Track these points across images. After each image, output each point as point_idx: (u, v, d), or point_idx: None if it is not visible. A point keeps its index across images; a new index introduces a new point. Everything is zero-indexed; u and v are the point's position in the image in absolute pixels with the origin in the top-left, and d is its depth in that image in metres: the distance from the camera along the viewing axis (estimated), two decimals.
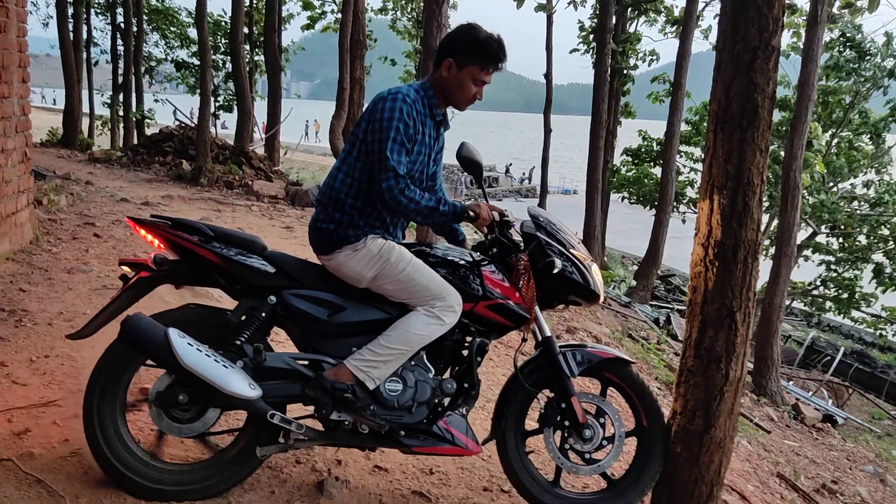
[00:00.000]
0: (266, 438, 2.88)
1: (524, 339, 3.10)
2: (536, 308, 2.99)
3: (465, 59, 2.88)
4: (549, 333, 3.08)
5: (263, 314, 2.86)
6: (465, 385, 3.00)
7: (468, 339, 3.03)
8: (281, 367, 2.85)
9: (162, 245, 2.87)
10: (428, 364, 2.96)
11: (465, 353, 3.03)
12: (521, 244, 3.07)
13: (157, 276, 2.88)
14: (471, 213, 2.93)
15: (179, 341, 2.63)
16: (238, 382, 2.67)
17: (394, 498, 3.13)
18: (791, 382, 10.70)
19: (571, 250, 3.04)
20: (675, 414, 3.20)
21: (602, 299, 3.15)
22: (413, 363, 2.93)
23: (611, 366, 3.15)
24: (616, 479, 3.22)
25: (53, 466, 2.89)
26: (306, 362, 2.89)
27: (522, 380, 3.08)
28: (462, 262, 3.01)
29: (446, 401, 3.00)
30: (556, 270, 2.95)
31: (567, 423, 3.08)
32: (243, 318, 2.86)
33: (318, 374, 2.84)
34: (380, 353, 2.81)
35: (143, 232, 2.88)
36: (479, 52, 2.87)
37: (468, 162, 3.05)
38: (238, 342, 2.80)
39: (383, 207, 2.88)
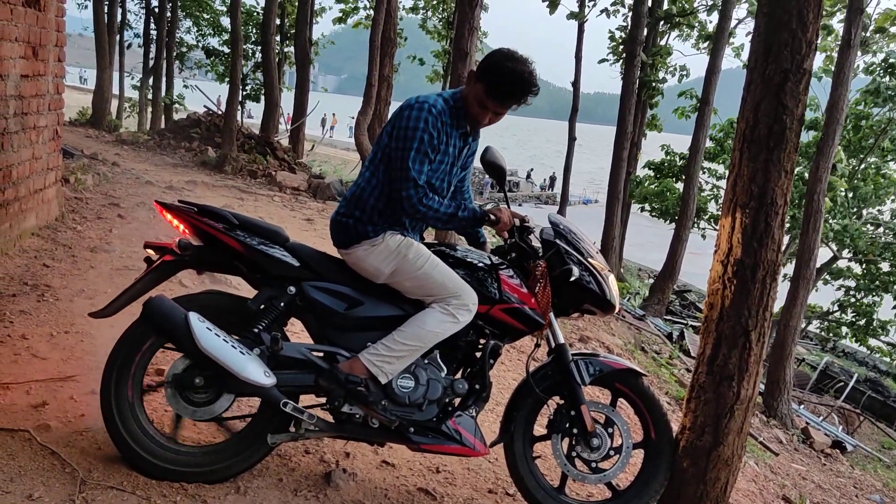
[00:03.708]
0: (277, 426, 2.92)
1: (537, 345, 3.12)
2: (551, 314, 3.02)
3: (480, 76, 2.87)
4: (562, 341, 3.09)
5: (282, 304, 2.90)
6: (477, 387, 3.02)
7: (482, 340, 3.05)
8: (296, 357, 2.90)
9: (187, 230, 2.92)
10: (441, 363, 2.99)
11: (479, 354, 3.05)
12: (540, 250, 3.08)
13: (181, 261, 2.93)
14: (491, 217, 2.95)
15: (199, 325, 2.70)
16: (254, 369, 2.73)
17: (399, 494, 3.15)
18: (802, 406, 10.61)
19: (589, 259, 3.06)
20: (683, 429, 3.21)
21: (617, 310, 3.16)
22: (426, 361, 2.96)
23: (622, 377, 3.16)
24: (621, 489, 3.22)
25: (68, 440, 2.94)
26: (321, 354, 2.93)
27: (534, 385, 3.09)
28: (480, 264, 3.03)
29: (457, 401, 3.03)
30: (573, 278, 2.97)
31: (575, 430, 3.09)
32: (262, 306, 2.90)
33: (332, 366, 2.87)
34: (393, 349, 2.84)
35: (169, 216, 2.94)
36: (491, 76, 2.84)
37: (492, 166, 3.07)
38: (256, 330, 2.85)
39: (403, 214, 2.93)
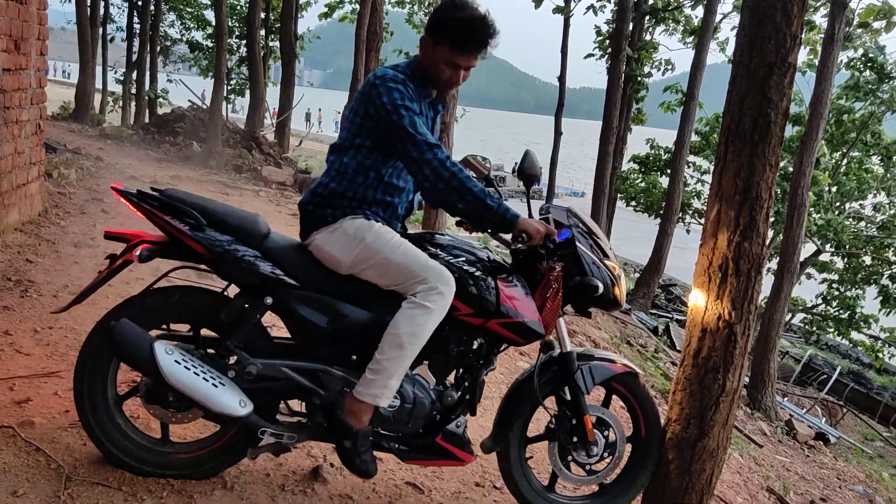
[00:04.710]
0: (256, 439, 2.74)
1: (542, 351, 3.05)
2: (559, 320, 2.86)
3: (438, 38, 2.67)
4: (569, 348, 2.95)
5: (259, 315, 2.70)
6: (467, 396, 2.88)
7: (475, 344, 2.86)
8: (275, 375, 2.71)
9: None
10: (430, 376, 2.81)
11: (471, 356, 2.86)
12: (552, 245, 2.79)
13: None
14: (523, 236, 2.67)
15: (166, 358, 2.51)
16: (228, 400, 2.55)
17: (387, 487, 3.15)
18: (786, 398, 10.72)
19: (606, 261, 2.89)
20: (669, 421, 3.23)
21: (622, 307, 3.10)
22: (414, 373, 2.77)
23: (620, 377, 3.11)
24: (607, 483, 3.23)
25: (53, 436, 2.91)
26: (301, 369, 2.73)
27: (538, 395, 2.95)
28: (477, 272, 2.74)
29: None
30: (597, 294, 2.77)
31: (575, 439, 3.00)
32: (236, 317, 2.67)
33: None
34: (379, 370, 2.60)
35: (130, 206, 2.74)
36: (451, 31, 2.64)
37: (527, 175, 2.89)
38: (230, 344, 2.67)
39: (423, 192, 2.71)
